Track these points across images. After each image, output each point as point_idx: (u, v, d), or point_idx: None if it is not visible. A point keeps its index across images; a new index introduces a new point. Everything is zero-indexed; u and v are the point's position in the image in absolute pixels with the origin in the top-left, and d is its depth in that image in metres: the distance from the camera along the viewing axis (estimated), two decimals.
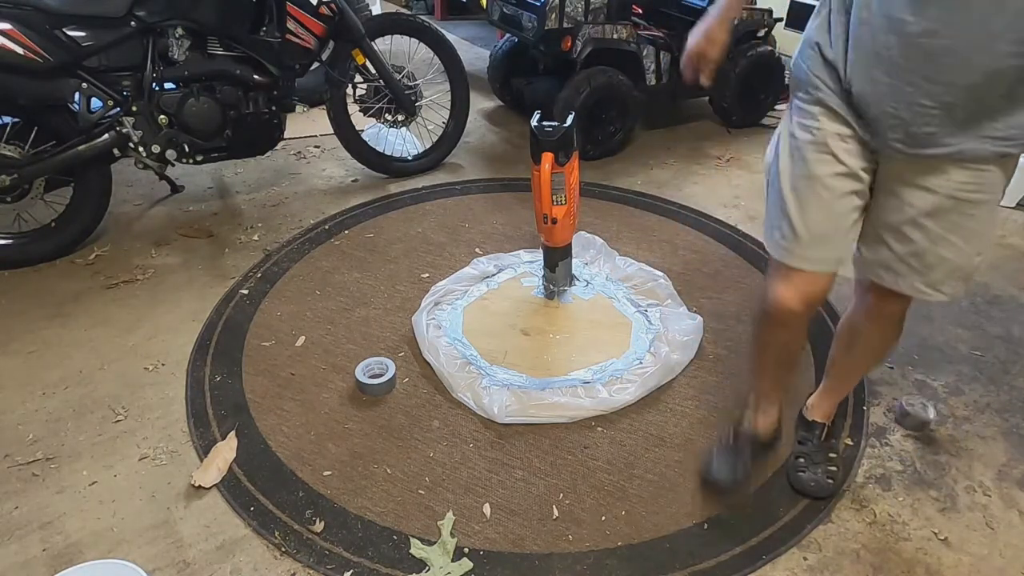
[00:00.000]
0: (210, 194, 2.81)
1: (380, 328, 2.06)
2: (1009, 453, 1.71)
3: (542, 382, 1.84)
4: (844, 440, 1.71)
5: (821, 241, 1.26)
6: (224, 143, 2.43)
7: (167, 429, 1.70)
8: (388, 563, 1.39)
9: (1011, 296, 2.31)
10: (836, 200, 1.23)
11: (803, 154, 1.23)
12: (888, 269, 1.29)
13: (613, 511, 1.51)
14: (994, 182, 1.14)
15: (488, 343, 1.97)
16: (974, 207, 1.16)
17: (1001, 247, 2.60)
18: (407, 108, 2.80)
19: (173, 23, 2.22)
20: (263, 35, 2.35)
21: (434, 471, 1.60)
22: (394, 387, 1.84)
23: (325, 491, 1.54)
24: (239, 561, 1.39)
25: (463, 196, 2.84)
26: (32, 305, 2.11)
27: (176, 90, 2.32)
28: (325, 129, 2.91)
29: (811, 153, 1.22)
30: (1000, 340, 2.10)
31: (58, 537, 1.43)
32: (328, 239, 2.50)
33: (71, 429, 1.69)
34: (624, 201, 2.84)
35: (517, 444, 1.67)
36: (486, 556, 1.41)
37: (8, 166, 2.15)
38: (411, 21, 2.85)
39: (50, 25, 2.05)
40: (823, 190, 1.23)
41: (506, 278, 2.28)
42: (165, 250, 2.42)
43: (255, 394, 1.80)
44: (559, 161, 1.90)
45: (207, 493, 1.53)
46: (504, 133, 3.49)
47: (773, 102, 3.69)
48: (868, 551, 1.45)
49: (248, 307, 2.12)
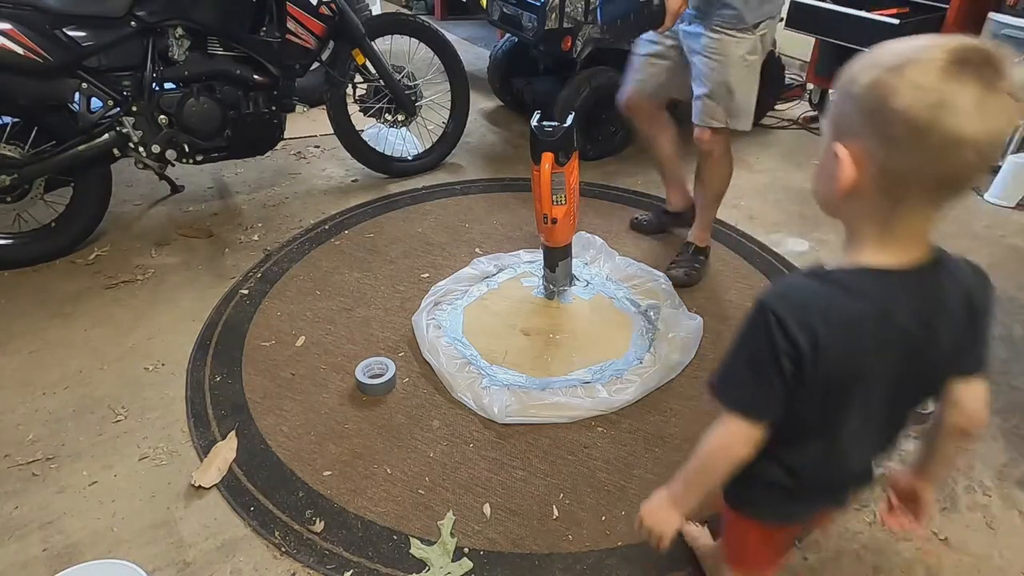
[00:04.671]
0: (210, 194, 2.81)
1: (380, 328, 2.06)
2: (1009, 453, 1.70)
3: (542, 382, 1.84)
4: None
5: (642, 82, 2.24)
6: (224, 143, 2.43)
7: (167, 429, 1.70)
8: (388, 563, 1.40)
9: (1011, 296, 2.31)
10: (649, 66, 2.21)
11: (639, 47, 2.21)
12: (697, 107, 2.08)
13: (613, 511, 1.51)
14: (727, 43, 1.94)
15: (488, 343, 1.97)
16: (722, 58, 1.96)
17: (1001, 247, 2.60)
18: (407, 108, 2.80)
19: (173, 23, 2.22)
20: (263, 35, 2.35)
21: (434, 471, 1.60)
22: (394, 387, 1.84)
23: (325, 491, 1.54)
24: (239, 561, 1.39)
25: (463, 196, 2.84)
26: (32, 305, 2.11)
27: (176, 90, 2.32)
28: (325, 129, 2.91)
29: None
30: (1000, 340, 2.10)
31: (58, 537, 1.43)
32: (328, 239, 2.50)
33: (71, 429, 1.69)
34: (624, 201, 2.84)
35: (517, 444, 1.67)
36: (486, 556, 1.41)
37: (8, 166, 2.15)
38: (411, 21, 2.85)
39: (50, 25, 2.04)
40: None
41: (506, 278, 2.28)
42: (165, 250, 2.42)
43: (255, 394, 1.80)
44: (559, 161, 1.90)
45: (207, 493, 1.53)
46: (504, 133, 3.49)
47: (773, 102, 3.69)
48: (868, 551, 1.45)
49: (248, 307, 2.12)
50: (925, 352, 0.83)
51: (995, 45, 0.69)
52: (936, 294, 0.82)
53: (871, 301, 0.79)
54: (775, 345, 0.79)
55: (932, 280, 0.81)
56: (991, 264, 2.48)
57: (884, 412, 0.88)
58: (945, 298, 0.82)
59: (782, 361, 0.80)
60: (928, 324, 0.81)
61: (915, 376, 0.85)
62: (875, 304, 0.79)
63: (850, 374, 0.82)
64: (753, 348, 0.83)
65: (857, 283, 0.80)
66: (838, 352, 0.79)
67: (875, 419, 0.88)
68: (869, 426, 0.89)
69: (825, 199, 0.83)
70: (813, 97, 3.86)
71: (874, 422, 0.89)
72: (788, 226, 2.69)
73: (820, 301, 0.80)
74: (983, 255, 2.54)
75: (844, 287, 0.80)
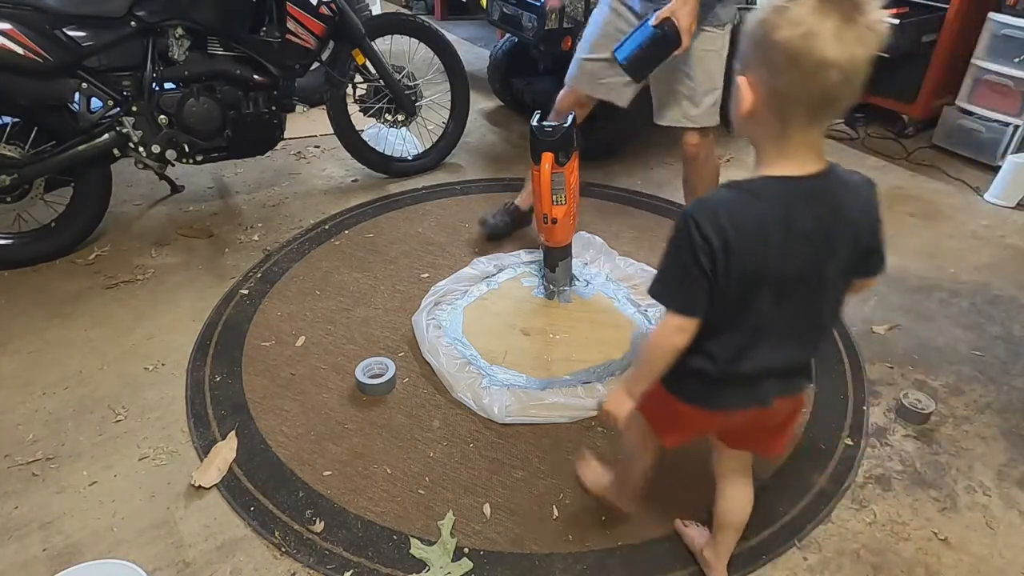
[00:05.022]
0: (210, 194, 2.81)
1: (380, 328, 2.06)
2: (1009, 453, 1.71)
3: (542, 382, 1.84)
4: (844, 440, 1.71)
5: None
6: (224, 143, 2.43)
7: (167, 429, 1.70)
8: (388, 563, 1.40)
9: (1011, 296, 2.31)
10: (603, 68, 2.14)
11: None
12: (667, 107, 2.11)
13: (613, 511, 1.51)
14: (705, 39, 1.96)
15: (488, 343, 1.97)
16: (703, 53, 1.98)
17: (1001, 247, 2.60)
18: (407, 108, 2.80)
19: (173, 23, 2.21)
20: (263, 35, 2.35)
21: (434, 471, 1.60)
22: (394, 387, 1.84)
23: (325, 491, 1.54)
24: (239, 561, 1.39)
25: (463, 196, 2.84)
26: (32, 305, 2.11)
27: (176, 90, 2.32)
28: (325, 129, 2.91)
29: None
30: (1000, 340, 2.10)
31: (58, 537, 1.43)
32: (328, 239, 2.50)
33: (71, 429, 1.69)
34: (624, 201, 2.84)
35: (517, 444, 1.67)
36: (486, 556, 1.41)
37: (8, 166, 2.15)
38: (411, 21, 2.85)
39: (50, 25, 2.04)
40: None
41: (506, 278, 2.28)
42: (165, 250, 2.42)
43: (255, 394, 1.80)
44: (559, 161, 1.90)
45: (207, 493, 1.53)
46: (504, 133, 3.49)
47: None
48: (868, 551, 1.45)
49: (248, 307, 2.12)
50: (827, 251, 0.97)
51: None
52: (832, 198, 0.96)
53: (774, 203, 0.94)
54: (694, 244, 0.94)
55: (827, 186, 0.96)
56: (991, 264, 2.48)
57: (796, 311, 1.01)
58: (841, 202, 0.96)
59: (701, 259, 0.94)
60: (827, 225, 0.95)
61: (822, 276, 0.98)
62: (778, 205, 0.94)
63: (758, 269, 0.95)
64: (679, 252, 0.97)
65: (762, 188, 0.96)
66: (746, 247, 0.93)
67: (787, 316, 1.01)
68: (781, 322, 1.02)
69: (736, 123, 0.98)
70: None
71: (786, 319, 1.01)
72: None
73: (730, 205, 0.95)
74: (983, 255, 2.54)
75: (751, 192, 0.96)
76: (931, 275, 2.41)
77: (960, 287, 2.35)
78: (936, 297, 2.29)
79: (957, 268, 2.46)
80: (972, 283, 2.37)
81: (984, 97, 3.16)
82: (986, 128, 3.15)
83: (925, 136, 3.45)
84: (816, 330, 1.07)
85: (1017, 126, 3.05)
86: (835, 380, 1.91)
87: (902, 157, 3.32)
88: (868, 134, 3.56)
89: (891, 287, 2.33)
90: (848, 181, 0.98)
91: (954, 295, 2.31)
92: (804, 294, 0.99)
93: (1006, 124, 3.08)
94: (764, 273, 0.96)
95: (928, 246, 2.59)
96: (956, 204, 2.90)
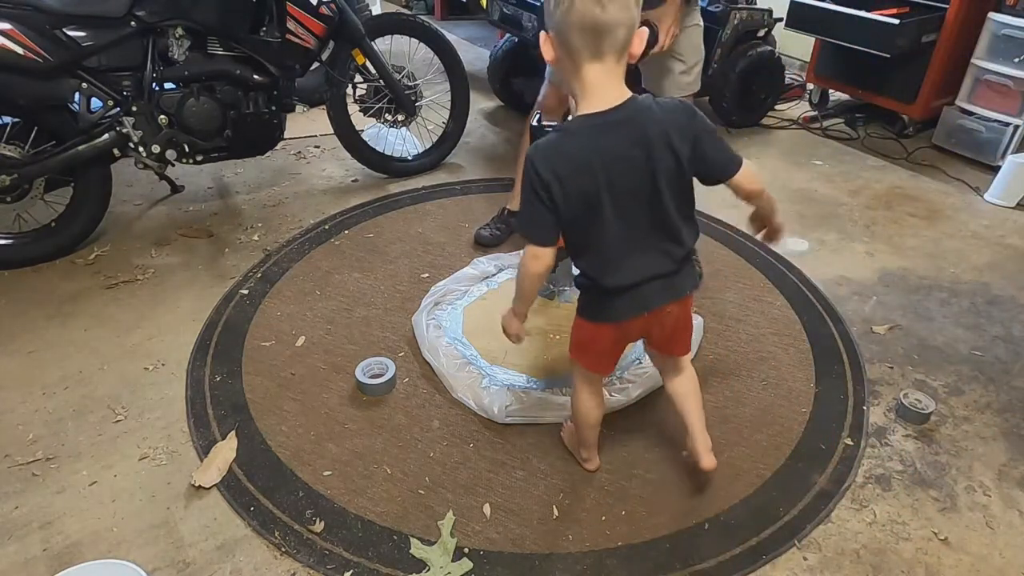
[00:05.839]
0: (210, 194, 2.81)
1: (380, 328, 2.06)
2: (1009, 453, 1.71)
3: (542, 382, 1.84)
4: (844, 440, 1.71)
5: None
6: (224, 143, 2.43)
7: (167, 429, 1.70)
8: (388, 563, 1.39)
9: (1011, 296, 2.31)
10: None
11: None
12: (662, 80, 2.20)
13: (613, 511, 1.51)
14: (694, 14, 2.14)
15: (488, 343, 1.97)
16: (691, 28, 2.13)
17: (1001, 247, 2.60)
18: (407, 108, 2.80)
19: (173, 23, 2.21)
20: (263, 35, 2.35)
21: (434, 471, 1.60)
22: (394, 387, 1.84)
23: (325, 491, 1.54)
24: (239, 561, 1.39)
25: (463, 196, 2.84)
26: (32, 305, 2.11)
27: (176, 90, 2.32)
28: (325, 129, 2.91)
29: None
30: (1000, 340, 2.10)
31: (58, 537, 1.43)
32: (328, 239, 2.50)
33: (71, 429, 1.69)
34: None
35: (517, 444, 1.67)
36: (486, 556, 1.41)
37: (8, 166, 2.15)
38: (411, 21, 2.85)
39: (50, 25, 2.04)
40: None
41: (506, 278, 2.28)
42: (165, 250, 2.42)
43: (255, 394, 1.80)
44: None
45: (207, 493, 1.53)
46: (504, 133, 3.49)
47: (773, 102, 3.69)
48: (868, 551, 1.45)
49: (248, 307, 2.12)
50: (647, 165, 1.18)
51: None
52: (635, 122, 1.17)
53: (586, 135, 1.17)
54: (532, 182, 1.18)
55: (629, 114, 1.17)
56: (991, 264, 2.48)
57: (642, 222, 1.23)
58: (643, 123, 1.17)
59: (539, 192, 1.18)
60: (637, 143, 1.17)
61: (654, 187, 1.20)
62: (589, 135, 1.17)
63: (588, 190, 1.18)
64: (525, 191, 1.20)
65: (574, 126, 1.20)
66: (571, 174, 1.17)
67: (635, 228, 1.23)
68: (633, 235, 1.24)
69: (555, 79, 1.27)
70: (813, 97, 3.86)
71: (636, 231, 1.24)
72: (788, 226, 2.66)
73: (552, 143, 1.19)
74: (983, 255, 2.55)
75: (567, 131, 1.21)
76: (931, 275, 2.41)
77: (960, 287, 2.35)
78: (936, 297, 2.29)
79: (957, 268, 2.46)
80: (972, 283, 2.37)
81: (984, 97, 3.16)
82: (986, 128, 3.15)
83: (925, 136, 3.45)
84: (670, 235, 1.26)
85: (1017, 126, 3.05)
86: (835, 380, 1.91)
87: (902, 157, 3.32)
88: (868, 134, 3.56)
89: (891, 287, 2.33)
90: (648, 104, 1.19)
91: (954, 295, 2.31)
92: (643, 205, 1.21)
93: (1006, 124, 3.08)
94: (596, 193, 1.18)
95: (928, 246, 2.59)
96: (956, 204, 2.90)
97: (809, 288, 2.29)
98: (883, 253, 2.54)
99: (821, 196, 2.95)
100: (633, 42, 1.16)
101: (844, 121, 3.70)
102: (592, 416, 1.52)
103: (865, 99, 3.64)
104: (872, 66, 3.31)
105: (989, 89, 3.13)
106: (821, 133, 3.58)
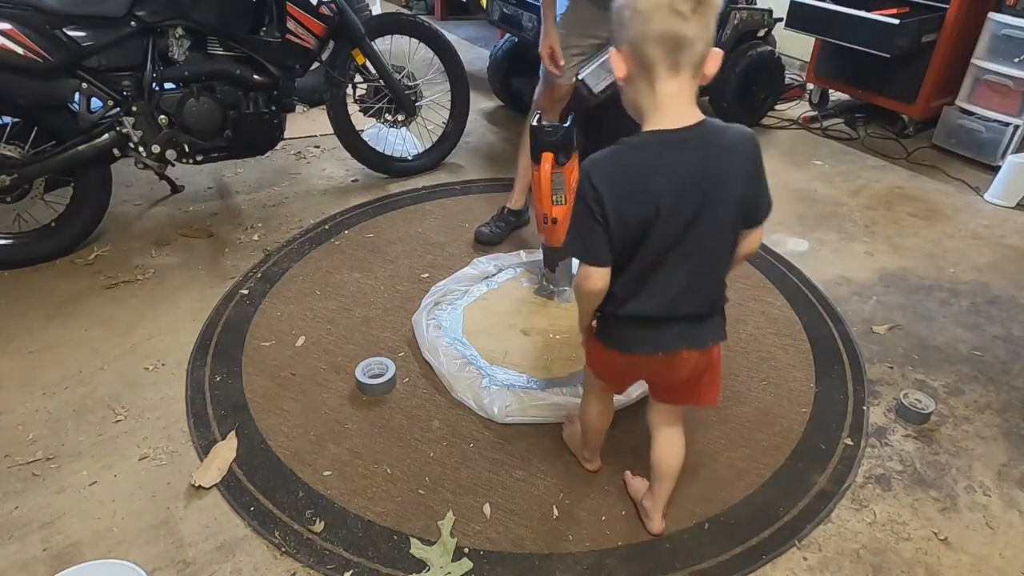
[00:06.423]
0: (210, 194, 2.81)
1: (380, 328, 2.06)
2: (1009, 453, 1.71)
3: (542, 382, 1.84)
4: (844, 440, 1.71)
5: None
6: (224, 143, 2.43)
7: (167, 429, 1.70)
8: (388, 563, 1.39)
9: (1011, 296, 2.31)
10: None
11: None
12: None
13: (613, 511, 1.51)
14: None
15: (488, 343, 1.97)
16: None
17: (1001, 247, 2.60)
18: (407, 108, 2.80)
19: (173, 23, 2.22)
20: (263, 35, 2.35)
21: (434, 471, 1.60)
22: (394, 387, 1.84)
23: (325, 491, 1.54)
24: (239, 561, 1.39)
25: (463, 196, 2.84)
26: (32, 305, 2.11)
27: (176, 90, 2.32)
28: (325, 129, 2.91)
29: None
30: (1000, 340, 2.10)
31: (58, 537, 1.43)
32: (328, 239, 2.50)
33: (71, 429, 1.69)
34: None
35: (517, 444, 1.67)
36: (486, 556, 1.41)
37: (8, 166, 2.15)
38: (411, 21, 2.85)
39: (50, 25, 2.04)
40: None
41: (506, 278, 2.28)
42: (165, 250, 2.42)
43: (255, 394, 1.80)
44: (559, 161, 1.90)
45: (207, 493, 1.53)
46: (504, 133, 3.49)
47: (773, 102, 3.69)
48: (868, 551, 1.45)
49: (248, 307, 2.12)
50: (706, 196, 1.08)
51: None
52: (704, 145, 1.08)
53: (652, 152, 1.08)
54: (586, 195, 1.08)
55: (699, 136, 1.08)
56: (991, 264, 2.48)
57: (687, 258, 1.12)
58: (714, 149, 1.09)
59: (593, 207, 1.08)
60: (701, 168, 1.07)
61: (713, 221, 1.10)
62: (653, 152, 1.08)
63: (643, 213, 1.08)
64: (578, 207, 1.12)
65: (641, 142, 1.10)
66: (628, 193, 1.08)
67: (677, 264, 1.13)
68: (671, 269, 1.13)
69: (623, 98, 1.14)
70: (813, 97, 3.86)
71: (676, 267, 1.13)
72: (788, 226, 2.69)
73: (614, 157, 1.10)
74: (983, 255, 2.55)
75: (630, 145, 1.10)
76: (931, 275, 2.41)
77: (960, 287, 2.35)
78: (936, 297, 2.30)
79: (957, 268, 2.46)
80: (972, 283, 2.37)
81: (984, 97, 3.16)
82: (986, 128, 3.15)
83: (925, 136, 3.45)
84: (708, 282, 1.19)
85: (1017, 126, 3.05)
86: (835, 380, 1.91)
87: (902, 157, 3.32)
88: (868, 134, 3.56)
89: (891, 287, 2.33)
90: (722, 129, 1.10)
91: (954, 295, 2.31)
92: (693, 241, 1.11)
93: (1006, 124, 3.08)
94: (653, 214, 1.08)
95: (928, 246, 2.59)
96: (956, 204, 2.90)
97: (809, 288, 2.29)
98: (883, 253, 2.54)
99: (821, 196, 2.95)
100: (708, 61, 1.07)
101: (844, 121, 3.70)
102: (599, 423, 1.50)
103: (865, 99, 3.64)
104: (872, 66, 3.31)
105: (989, 89, 3.13)
106: (821, 133, 3.58)
